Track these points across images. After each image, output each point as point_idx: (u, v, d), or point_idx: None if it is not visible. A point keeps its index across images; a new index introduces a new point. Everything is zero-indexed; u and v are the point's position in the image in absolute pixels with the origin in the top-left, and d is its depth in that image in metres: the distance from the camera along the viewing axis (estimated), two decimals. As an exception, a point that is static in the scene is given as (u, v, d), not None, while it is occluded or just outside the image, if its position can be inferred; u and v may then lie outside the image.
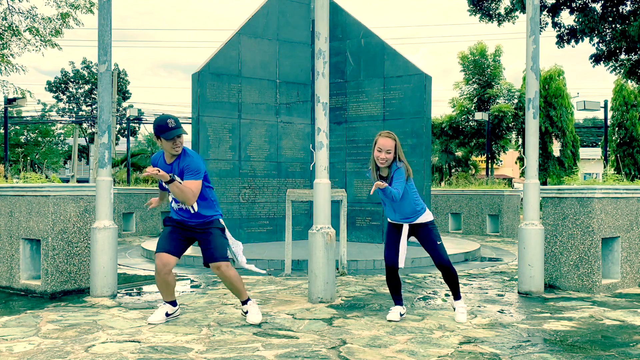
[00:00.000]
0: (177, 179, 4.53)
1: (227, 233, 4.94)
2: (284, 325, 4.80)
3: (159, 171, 4.40)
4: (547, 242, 6.54)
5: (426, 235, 4.95)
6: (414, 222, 4.94)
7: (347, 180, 10.62)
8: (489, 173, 27.74)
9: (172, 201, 4.86)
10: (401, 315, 5.04)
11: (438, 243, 4.92)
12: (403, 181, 4.74)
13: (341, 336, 4.47)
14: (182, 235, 4.84)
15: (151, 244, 10.11)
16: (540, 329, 4.72)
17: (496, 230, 14.04)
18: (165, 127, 4.58)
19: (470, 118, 30.78)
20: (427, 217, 4.97)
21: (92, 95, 45.81)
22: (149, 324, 4.81)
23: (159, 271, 4.73)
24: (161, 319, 4.86)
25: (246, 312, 4.95)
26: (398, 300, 5.09)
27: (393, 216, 4.99)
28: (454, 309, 5.08)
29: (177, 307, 5.03)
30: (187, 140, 4.96)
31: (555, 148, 28.89)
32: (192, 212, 4.76)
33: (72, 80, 46.55)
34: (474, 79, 31.18)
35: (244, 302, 4.97)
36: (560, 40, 17.95)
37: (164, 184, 4.66)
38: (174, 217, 4.87)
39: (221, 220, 4.92)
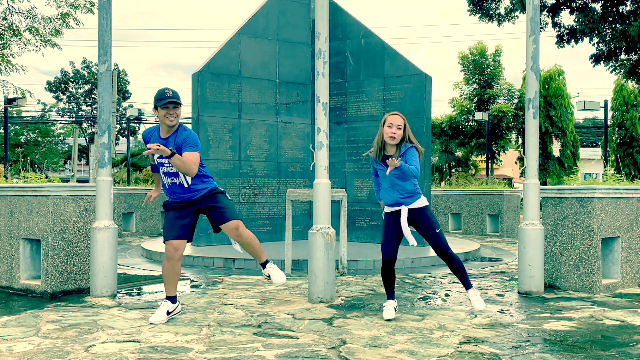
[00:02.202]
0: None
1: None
2: (284, 325, 4.80)
3: (159, 146, 4.37)
4: (547, 242, 6.54)
5: (424, 222, 4.91)
6: (411, 207, 4.88)
7: (347, 180, 10.62)
8: (489, 173, 27.74)
9: (163, 177, 4.82)
10: (395, 310, 5.04)
11: (437, 231, 4.89)
12: (418, 159, 4.75)
13: (341, 336, 4.47)
14: (185, 213, 4.80)
15: (151, 244, 10.11)
16: (540, 329, 4.72)
17: (496, 230, 14.04)
18: (162, 96, 4.67)
19: (470, 118, 30.78)
20: (423, 201, 4.95)
21: (92, 95, 45.80)
22: (150, 324, 4.79)
23: (169, 257, 4.73)
24: (163, 319, 4.82)
25: (269, 277, 4.94)
26: (391, 294, 5.06)
27: (391, 197, 4.89)
28: (469, 300, 5.00)
29: (178, 303, 4.99)
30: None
31: (555, 148, 28.89)
32: (186, 186, 4.76)
33: (72, 80, 46.55)
34: (474, 79, 31.18)
35: (264, 265, 4.96)
36: (560, 40, 17.96)
37: (157, 159, 4.67)
38: (171, 198, 4.87)
39: (219, 188, 4.94)
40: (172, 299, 4.92)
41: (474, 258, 9.46)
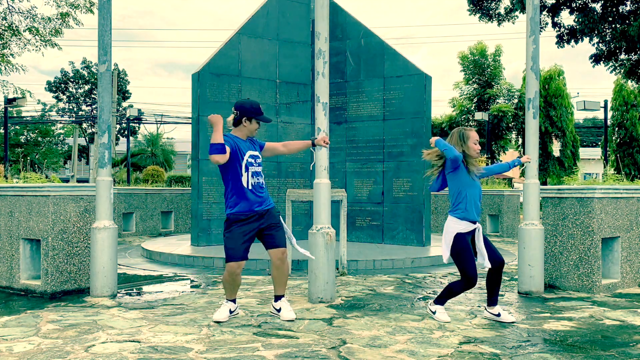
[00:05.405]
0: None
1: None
2: (284, 325, 4.80)
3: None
4: (547, 242, 6.54)
5: (484, 236, 4.92)
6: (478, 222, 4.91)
7: (347, 180, 10.62)
8: (489, 173, 27.71)
9: (250, 178, 4.90)
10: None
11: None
12: None
13: (341, 336, 4.47)
14: (250, 230, 4.91)
15: (151, 244, 10.11)
16: (540, 329, 4.72)
17: (496, 230, 14.03)
18: (260, 111, 5.03)
19: (470, 118, 30.79)
20: None
21: (92, 95, 45.81)
22: (214, 321, 4.86)
23: (233, 272, 4.85)
24: (226, 317, 4.94)
25: (279, 310, 5.03)
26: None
27: (477, 208, 4.86)
28: (497, 314, 4.95)
29: (237, 305, 5.14)
30: (187, 140, 5.01)
31: (555, 148, 28.91)
32: (264, 186, 5.02)
33: (72, 80, 46.56)
34: (474, 79, 31.20)
35: (279, 298, 5.07)
36: (560, 40, 17.96)
37: (249, 159, 4.91)
38: (251, 207, 4.88)
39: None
40: (233, 301, 5.06)
41: (474, 258, 9.44)
